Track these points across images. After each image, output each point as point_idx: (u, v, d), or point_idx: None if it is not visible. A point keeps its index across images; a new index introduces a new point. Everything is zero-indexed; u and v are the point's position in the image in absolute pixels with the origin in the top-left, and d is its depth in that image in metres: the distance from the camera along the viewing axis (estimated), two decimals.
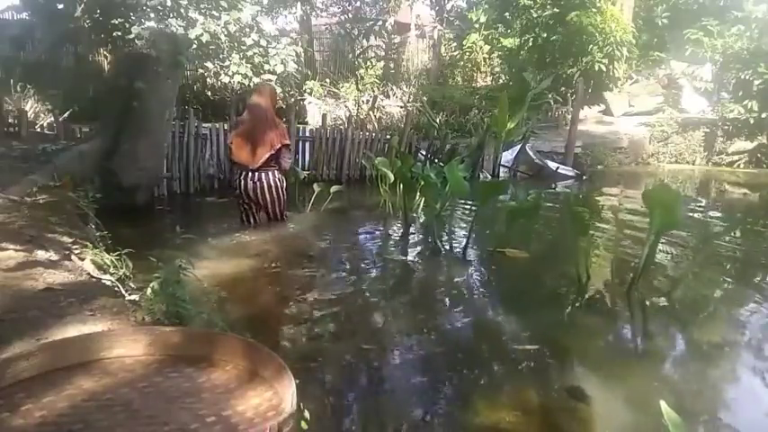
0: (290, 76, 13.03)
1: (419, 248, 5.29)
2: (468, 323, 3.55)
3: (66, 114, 9.00)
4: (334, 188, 6.24)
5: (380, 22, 18.12)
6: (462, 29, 17.66)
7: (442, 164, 8.03)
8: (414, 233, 5.67)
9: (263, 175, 5.02)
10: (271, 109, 5.06)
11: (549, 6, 14.02)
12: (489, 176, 8.91)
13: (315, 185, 6.00)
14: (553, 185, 8.94)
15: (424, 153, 8.98)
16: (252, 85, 11.87)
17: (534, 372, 2.86)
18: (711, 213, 7.35)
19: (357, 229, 6.03)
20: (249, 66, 11.83)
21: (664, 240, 4.37)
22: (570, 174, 9.70)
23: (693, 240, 5.39)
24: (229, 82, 12.22)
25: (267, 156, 4.93)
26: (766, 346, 3.34)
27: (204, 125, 7.40)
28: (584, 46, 13.34)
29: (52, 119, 8.91)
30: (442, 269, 4.70)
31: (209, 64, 12.04)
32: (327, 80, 15.01)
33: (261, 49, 12.04)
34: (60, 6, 11.99)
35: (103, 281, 2.81)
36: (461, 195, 5.49)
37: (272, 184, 5.06)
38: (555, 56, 13.88)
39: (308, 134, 8.32)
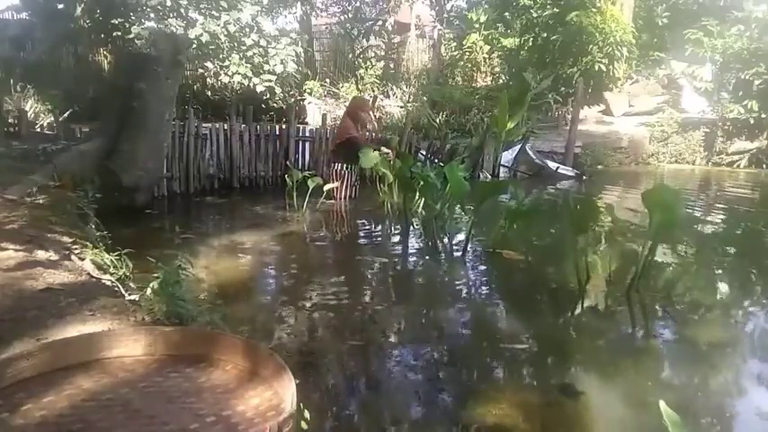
0: (289, 76, 13.03)
1: (418, 248, 5.29)
2: (465, 322, 3.55)
3: (66, 114, 9.02)
4: (327, 186, 6.20)
5: (380, 22, 18.11)
6: (462, 29, 17.66)
7: (441, 164, 8.02)
8: (413, 233, 5.67)
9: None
10: (350, 114, 6.66)
11: (549, 6, 14.02)
12: (489, 176, 8.91)
13: (309, 182, 5.96)
14: (553, 185, 8.94)
15: (423, 153, 8.97)
16: (251, 85, 11.91)
17: (528, 370, 2.88)
18: (711, 213, 7.35)
19: (356, 230, 6.03)
20: (249, 66, 11.84)
21: (663, 240, 4.36)
22: (570, 174, 9.70)
23: (693, 240, 5.40)
24: (229, 82, 12.24)
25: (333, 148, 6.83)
26: (763, 346, 3.34)
27: (204, 125, 7.39)
28: (584, 46, 13.34)
29: (52, 119, 8.92)
30: (440, 269, 4.70)
31: (209, 64, 12.06)
32: (327, 80, 15.02)
33: (261, 50, 12.05)
34: (60, 6, 12.01)
35: (103, 281, 2.81)
36: (461, 196, 5.49)
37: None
38: (555, 56, 13.88)
39: (307, 134, 8.31)
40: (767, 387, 2.87)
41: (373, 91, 14.05)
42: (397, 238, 5.59)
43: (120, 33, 11.77)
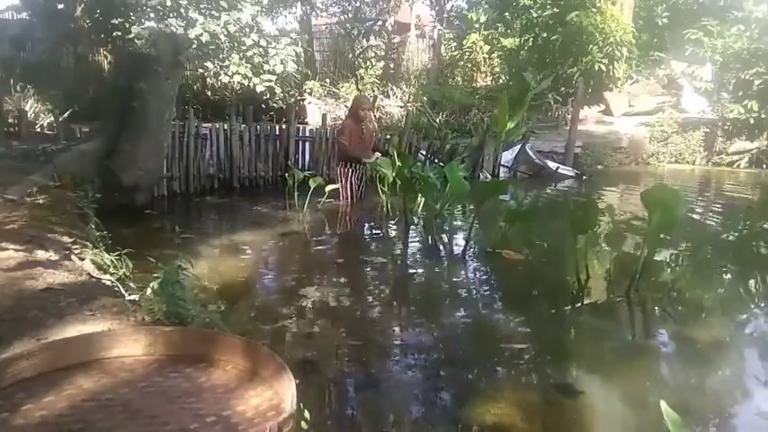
0: (289, 76, 13.04)
1: (418, 248, 5.29)
2: (465, 322, 3.55)
3: (66, 114, 9.03)
4: (329, 187, 6.20)
5: (380, 22, 18.11)
6: (462, 29, 17.66)
7: (441, 164, 8.02)
8: (413, 233, 5.67)
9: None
10: (351, 114, 6.56)
11: (549, 6, 14.02)
12: (489, 176, 8.90)
13: (310, 183, 5.96)
14: (553, 185, 8.94)
15: (423, 153, 8.97)
16: (251, 85, 11.91)
17: (527, 369, 2.88)
18: (711, 213, 7.35)
19: (356, 229, 6.03)
20: (249, 66, 11.84)
21: (663, 240, 4.36)
22: (570, 174, 9.70)
23: (693, 240, 5.39)
24: (229, 82, 12.24)
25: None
26: (762, 346, 3.34)
27: (204, 125, 7.39)
28: (584, 46, 13.34)
29: (52, 119, 8.93)
30: (440, 269, 4.69)
31: (209, 64, 12.05)
32: (327, 80, 15.02)
33: (261, 50, 12.05)
34: (60, 6, 12.02)
35: (103, 281, 2.81)
36: (461, 196, 5.48)
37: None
38: (555, 56, 13.88)
39: (307, 134, 8.31)
40: (766, 386, 2.86)
41: (373, 91, 14.05)
42: (397, 239, 5.59)
43: (120, 33, 11.78)
